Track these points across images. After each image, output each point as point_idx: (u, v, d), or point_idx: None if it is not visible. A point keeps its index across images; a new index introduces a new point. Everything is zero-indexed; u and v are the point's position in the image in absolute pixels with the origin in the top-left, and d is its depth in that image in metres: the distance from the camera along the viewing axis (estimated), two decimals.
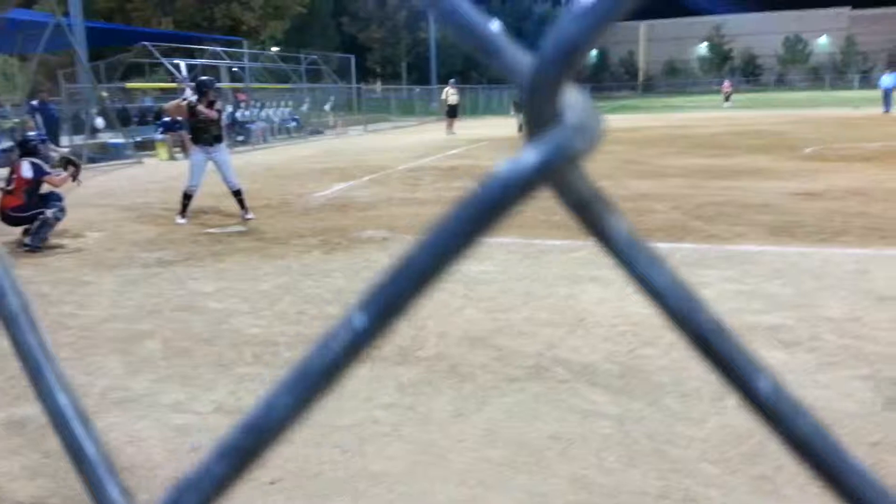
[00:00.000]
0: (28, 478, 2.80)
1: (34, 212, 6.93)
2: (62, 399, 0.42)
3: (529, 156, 0.26)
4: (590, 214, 0.28)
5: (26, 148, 7.27)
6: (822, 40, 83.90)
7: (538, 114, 0.26)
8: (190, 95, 8.42)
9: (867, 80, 63.04)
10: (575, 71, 0.25)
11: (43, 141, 7.74)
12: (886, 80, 25.93)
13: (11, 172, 7.17)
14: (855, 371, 3.48)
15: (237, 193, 8.15)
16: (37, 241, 6.88)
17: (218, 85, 23.86)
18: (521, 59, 0.28)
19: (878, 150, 13.16)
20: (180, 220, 8.01)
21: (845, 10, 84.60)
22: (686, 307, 0.28)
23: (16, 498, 2.68)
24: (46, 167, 7.20)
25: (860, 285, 4.83)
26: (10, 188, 7.04)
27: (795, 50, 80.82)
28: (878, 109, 25.03)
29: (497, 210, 0.27)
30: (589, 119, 0.26)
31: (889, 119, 22.18)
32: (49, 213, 6.94)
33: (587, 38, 0.25)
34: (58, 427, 0.40)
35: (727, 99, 38.38)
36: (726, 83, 40.84)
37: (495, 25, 0.29)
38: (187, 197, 8.05)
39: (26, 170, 6.97)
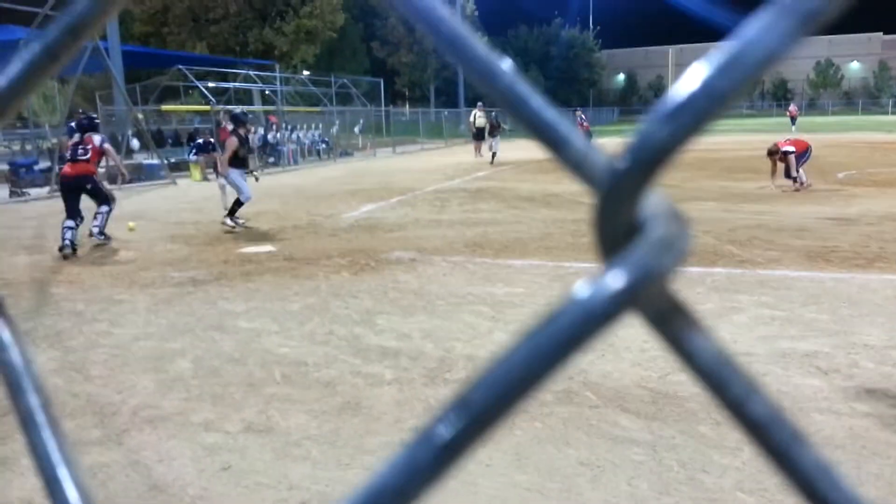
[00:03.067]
0: None
1: (97, 190, 8.09)
2: None
3: (613, 279, 0.23)
4: (672, 330, 0.25)
5: (91, 125, 8.49)
6: (855, 65, 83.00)
7: (615, 223, 0.23)
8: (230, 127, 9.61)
9: None
10: (659, 177, 0.23)
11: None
12: None
13: (79, 144, 8.08)
14: (895, 400, 3.39)
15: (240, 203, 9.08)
16: (103, 234, 8.11)
17: (250, 108, 24.32)
18: (592, 155, 0.25)
19: None
20: (231, 223, 9.01)
21: (878, 35, 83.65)
22: (789, 445, 0.25)
23: None
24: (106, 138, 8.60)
25: None
26: (86, 157, 8.00)
27: (827, 74, 79.97)
28: None
29: (574, 343, 0.23)
30: (676, 231, 0.23)
31: (890, 147, 21.70)
32: (105, 208, 8.11)
33: (679, 143, 0.22)
34: None
35: (794, 122, 37.78)
36: (793, 107, 40.34)
37: (507, 64, 0.26)
38: (240, 204, 9.04)
39: (98, 140, 8.16)
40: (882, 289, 5.31)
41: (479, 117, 24.19)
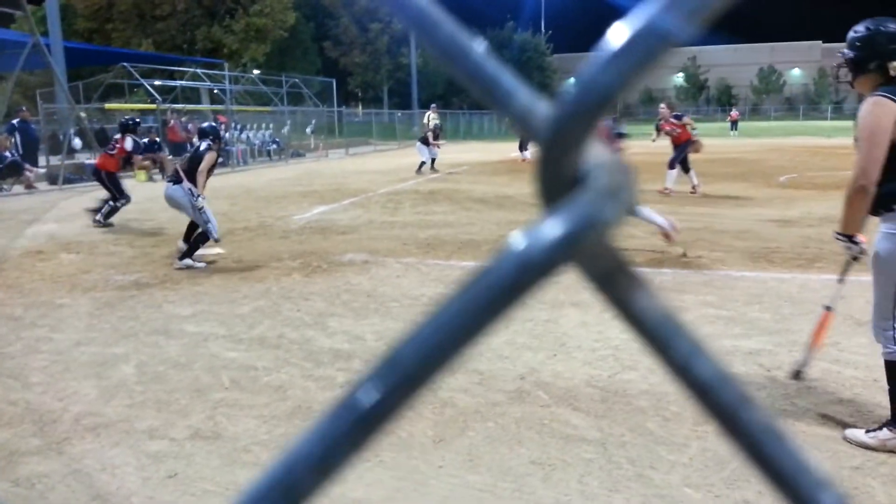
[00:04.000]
0: None
1: (114, 184, 9.70)
2: None
3: (552, 228, 0.21)
4: (616, 290, 0.24)
5: (127, 127, 10.13)
6: (796, 72, 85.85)
7: (557, 173, 0.22)
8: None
9: (839, 111, 64.57)
10: (598, 125, 0.22)
11: (137, 124, 10.79)
12: None
13: (116, 143, 9.97)
14: (835, 395, 3.51)
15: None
16: (107, 220, 9.42)
17: (198, 107, 23.83)
18: (536, 106, 0.24)
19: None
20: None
21: (818, 44, 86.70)
22: (736, 405, 0.24)
23: None
24: (140, 146, 10.35)
25: (837, 310, 4.87)
26: (112, 152, 9.86)
27: (770, 80, 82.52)
28: (846, 139, 25.57)
29: (511, 294, 0.22)
30: (619, 181, 0.22)
31: (832, 150, 22.45)
32: (120, 202, 9.58)
33: (620, 87, 0.21)
34: None
35: (734, 126, 38.83)
36: (734, 112, 41.63)
37: (481, 46, 0.25)
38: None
39: (129, 144, 9.85)
40: (821, 288, 5.49)
41: (432, 119, 24.22)
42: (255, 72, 31.79)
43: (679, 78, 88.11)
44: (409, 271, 6.46)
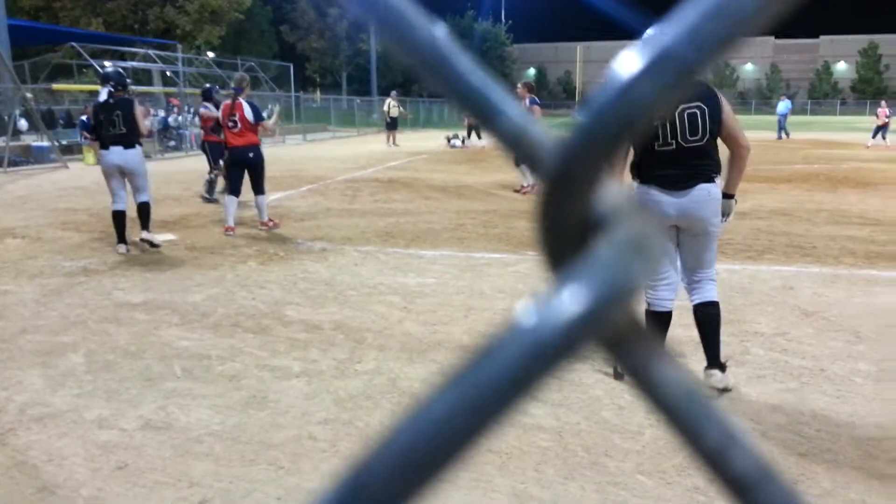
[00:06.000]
0: None
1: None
2: None
3: (570, 300, 0.17)
4: (631, 357, 0.20)
5: (207, 95, 9.77)
6: (749, 67, 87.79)
7: (566, 218, 0.18)
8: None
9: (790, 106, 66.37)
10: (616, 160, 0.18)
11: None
12: (781, 106, 27.12)
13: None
14: (783, 384, 3.61)
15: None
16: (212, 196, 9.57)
17: (150, 89, 23.23)
18: (534, 132, 0.20)
19: (799, 171, 13.80)
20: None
21: (770, 39, 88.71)
22: (756, 477, 0.20)
23: None
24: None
25: (786, 301, 5.02)
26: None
27: (724, 75, 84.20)
28: (798, 134, 26.26)
29: (517, 387, 0.18)
30: (643, 229, 0.18)
31: (781, 145, 23.00)
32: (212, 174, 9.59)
33: (638, 116, 0.18)
34: None
35: None
36: None
37: (441, 30, 0.22)
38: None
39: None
40: (771, 279, 5.64)
41: (392, 106, 24.07)
42: (210, 54, 31.08)
43: None
44: (367, 259, 6.42)
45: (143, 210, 6.76)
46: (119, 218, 6.67)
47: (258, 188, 7.76)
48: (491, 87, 0.20)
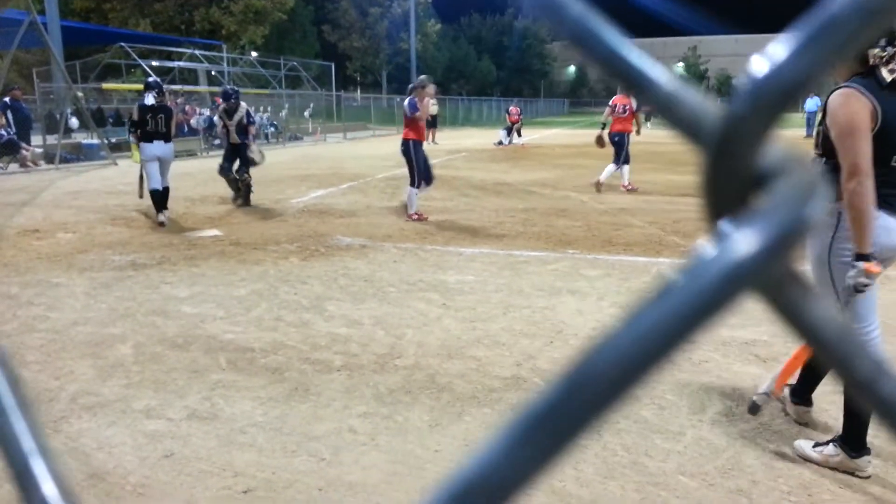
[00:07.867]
0: None
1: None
2: None
3: (745, 240, 0.18)
4: (787, 299, 0.22)
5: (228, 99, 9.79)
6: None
7: (732, 177, 0.20)
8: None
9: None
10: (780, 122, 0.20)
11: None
12: (810, 104, 26.27)
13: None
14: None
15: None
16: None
17: (195, 88, 23.68)
18: (689, 98, 0.21)
19: None
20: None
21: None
22: None
23: None
24: None
25: None
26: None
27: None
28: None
29: (690, 323, 0.19)
30: (812, 175, 0.19)
31: (811, 142, 22.37)
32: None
33: (809, 78, 0.19)
34: None
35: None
36: None
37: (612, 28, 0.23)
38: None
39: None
40: None
41: (431, 105, 24.13)
42: (254, 54, 31.58)
43: (679, 67, 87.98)
44: (406, 256, 6.46)
45: (167, 192, 8.30)
46: (157, 195, 8.15)
47: (413, 180, 8.81)
48: (640, 56, 0.22)
